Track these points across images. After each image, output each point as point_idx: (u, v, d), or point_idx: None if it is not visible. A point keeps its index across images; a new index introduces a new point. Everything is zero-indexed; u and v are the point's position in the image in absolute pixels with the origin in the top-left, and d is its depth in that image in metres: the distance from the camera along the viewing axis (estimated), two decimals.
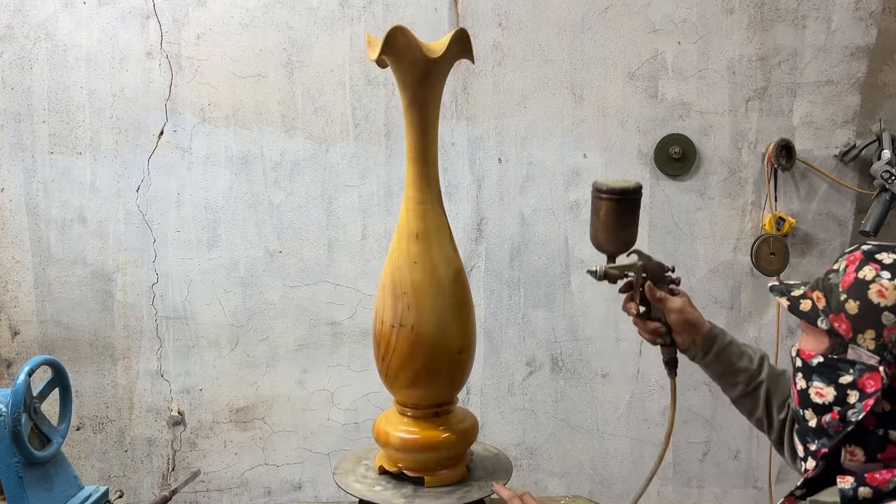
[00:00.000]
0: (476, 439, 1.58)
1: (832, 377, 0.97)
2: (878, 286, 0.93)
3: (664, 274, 1.39)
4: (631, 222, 1.37)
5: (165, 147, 2.51)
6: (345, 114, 2.50)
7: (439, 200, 1.47)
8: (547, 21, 2.48)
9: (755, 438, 2.64)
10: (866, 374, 0.94)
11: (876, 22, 2.47)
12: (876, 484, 0.91)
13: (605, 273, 1.37)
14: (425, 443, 1.47)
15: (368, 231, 2.55)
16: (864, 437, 0.95)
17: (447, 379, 1.48)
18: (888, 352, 0.92)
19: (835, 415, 0.96)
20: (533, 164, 2.53)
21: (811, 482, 0.99)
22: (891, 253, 0.96)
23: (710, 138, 2.52)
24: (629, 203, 1.36)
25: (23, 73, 2.47)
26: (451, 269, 1.45)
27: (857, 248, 1.00)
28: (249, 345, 2.59)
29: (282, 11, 2.46)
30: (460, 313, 1.45)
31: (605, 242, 1.39)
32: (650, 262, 1.38)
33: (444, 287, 1.43)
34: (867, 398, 0.93)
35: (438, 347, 1.43)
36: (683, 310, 1.35)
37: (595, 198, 1.37)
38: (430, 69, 1.37)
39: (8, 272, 2.55)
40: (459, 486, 1.49)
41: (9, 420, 1.46)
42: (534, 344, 2.60)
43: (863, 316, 0.94)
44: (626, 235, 1.37)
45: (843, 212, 2.56)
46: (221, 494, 2.67)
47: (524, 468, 2.65)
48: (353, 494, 1.49)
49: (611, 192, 1.34)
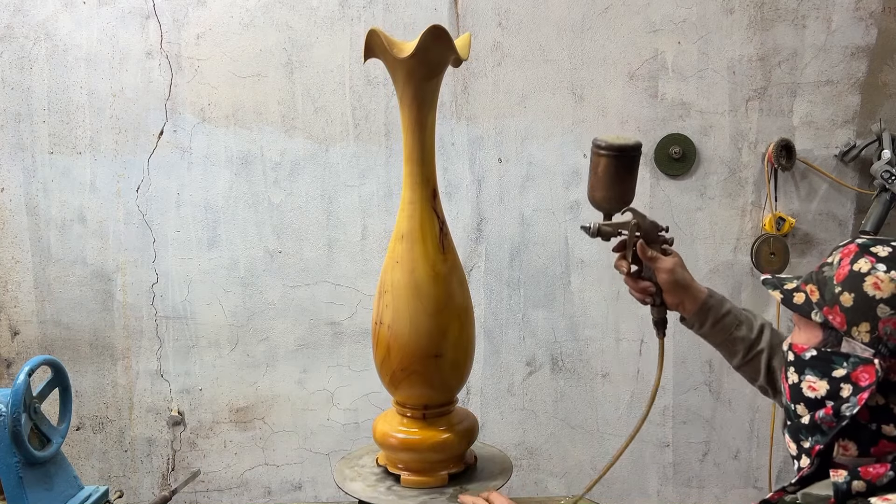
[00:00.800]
0: (476, 440, 1.58)
1: (825, 371, 0.97)
2: (873, 278, 0.93)
3: (658, 234, 1.38)
4: (628, 180, 1.36)
5: (165, 147, 2.51)
6: (345, 114, 2.50)
7: (429, 201, 1.44)
8: (547, 21, 2.48)
9: (755, 438, 2.64)
10: (860, 368, 0.93)
11: (876, 22, 2.47)
12: (870, 478, 0.90)
13: (599, 229, 1.36)
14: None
15: (368, 231, 2.55)
16: (857, 432, 0.95)
17: (424, 382, 1.46)
18: (883, 344, 0.92)
19: (828, 410, 0.96)
20: (533, 164, 2.53)
21: (805, 480, 0.98)
22: (885, 246, 0.96)
23: (710, 138, 2.52)
24: (627, 160, 1.34)
25: (23, 73, 2.47)
26: (431, 272, 1.42)
27: (851, 242, 1.00)
28: (249, 345, 2.59)
29: (282, 11, 2.46)
30: (439, 318, 1.42)
31: (602, 199, 1.37)
32: (644, 221, 1.36)
33: (420, 289, 1.42)
34: (861, 392, 0.93)
35: (411, 349, 1.42)
36: (673, 270, 1.34)
37: (594, 154, 1.35)
38: (411, 69, 1.36)
39: (8, 272, 2.55)
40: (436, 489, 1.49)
41: (9, 420, 1.46)
42: (534, 344, 2.60)
43: (858, 308, 0.94)
44: (622, 193, 1.36)
45: (844, 212, 2.56)
46: (221, 494, 2.67)
47: (524, 468, 2.65)
48: (352, 495, 1.49)
49: (609, 148, 1.33)
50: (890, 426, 0.93)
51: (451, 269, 1.46)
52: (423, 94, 1.40)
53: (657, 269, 1.35)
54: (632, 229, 1.36)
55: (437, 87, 1.42)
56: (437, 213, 1.46)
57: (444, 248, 1.45)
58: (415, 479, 1.49)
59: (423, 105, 1.41)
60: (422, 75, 1.38)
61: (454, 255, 1.48)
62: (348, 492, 1.50)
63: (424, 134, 1.43)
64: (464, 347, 1.48)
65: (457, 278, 1.47)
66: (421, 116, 1.41)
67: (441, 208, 1.48)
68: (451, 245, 1.48)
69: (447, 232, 1.47)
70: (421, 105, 1.40)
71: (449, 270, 1.45)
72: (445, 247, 1.46)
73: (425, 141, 1.43)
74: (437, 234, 1.44)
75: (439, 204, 1.47)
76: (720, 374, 2.60)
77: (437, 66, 1.40)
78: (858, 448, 0.95)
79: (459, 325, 1.46)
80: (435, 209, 1.45)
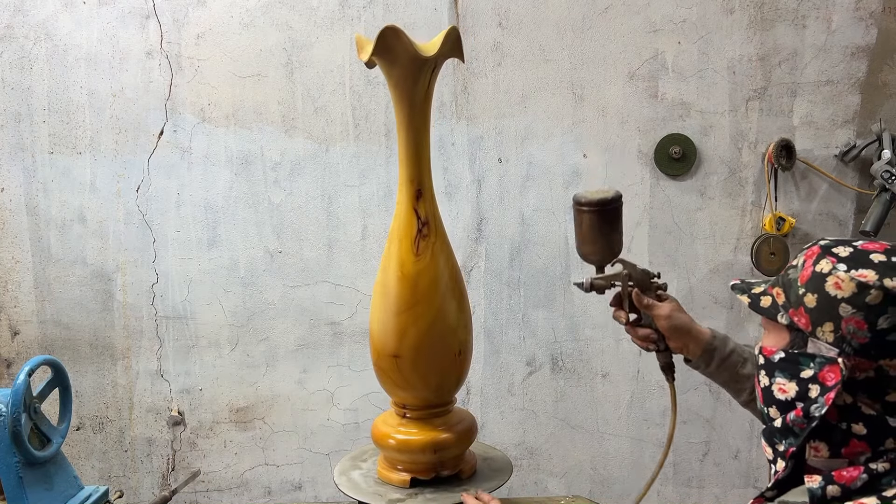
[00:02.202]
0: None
1: (793, 372, 0.98)
2: (834, 278, 0.94)
3: (650, 280, 1.39)
4: (613, 232, 1.38)
5: (165, 147, 2.51)
6: (345, 114, 2.50)
7: (412, 201, 1.44)
8: (547, 21, 2.48)
9: (755, 438, 2.64)
10: (826, 367, 0.94)
11: (876, 22, 2.47)
12: (844, 482, 0.91)
13: (592, 284, 1.39)
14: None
15: (368, 231, 2.55)
16: (827, 433, 0.95)
17: (388, 380, 1.49)
18: (847, 343, 0.93)
19: (798, 411, 0.96)
20: (533, 164, 2.53)
21: (781, 483, 0.99)
22: (846, 246, 0.97)
23: (710, 138, 2.52)
24: (609, 213, 1.36)
25: (23, 73, 2.47)
26: (399, 272, 1.43)
27: (815, 244, 1.01)
28: (249, 345, 2.59)
29: (282, 11, 2.46)
30: (400, 319, 1.43)
31: (591, 253, 1.39)
32: (635, 270, 1.38)
33: (388, 288, 1.45)
34: (828, 391, 0.93)
35: (377, 347, 1.48)
36: (671, 315, 1.35)
37: (576, 211, 1.38)
38: (412, 69, 1.37)
39: (8, 272, 2.55)
40: None
41: (9, 420, 1.46)
42: (534, 344, 2.60)
43: (821, 309, 0.95)
44: (609, 245, 1.38)
45: (844, 212, 2.56)
46: (221, 494, 2.67)
47: (524, 468, 2.65)
48: (352, 496, 1.49)
49: (589, 203, 1.35)
50: (859, 425, 0.93)
51: (423, 271, 1.43)
52: (409, 97, 1.40)
53: (655, 317, 1.37)
54: (624, 280, 1.38)
55: (423, 90, 1.41)
56: (419, 214, 1.44)
57: (419, 250, 1.43)
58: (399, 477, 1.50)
59: (413, 107, 1.41)
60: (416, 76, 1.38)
61: (434, 257, 1.44)
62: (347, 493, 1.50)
63: (409, 134, 1.43)
64: (425, 350, 1.44)
65: (429, 280, 1.43)
66: (406, 118, 1.42)
67: (426, 209, 1.45)
68: (431, 247, 1.44)
69: (428, 234, 1.44)
70: (410, 107, 1.41)
71: (419, 272, 1.43)
72: (420, 248, 1.43)
73: (410, 141, 1.43)
74: (415, 235, 1.44)
75: (425, 205, 1.45)
76: None
77: (432, 68, 1.40)
78: (830, 449, 0.95)
79: (420, 328, 1.43)
80: (416, 210, 1.44)
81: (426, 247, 1.44)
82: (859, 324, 0.92)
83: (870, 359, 0.92)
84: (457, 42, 1.39)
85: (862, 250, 0.95)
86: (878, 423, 0.93)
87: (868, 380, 0.93)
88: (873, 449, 0.93)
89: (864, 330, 0.91)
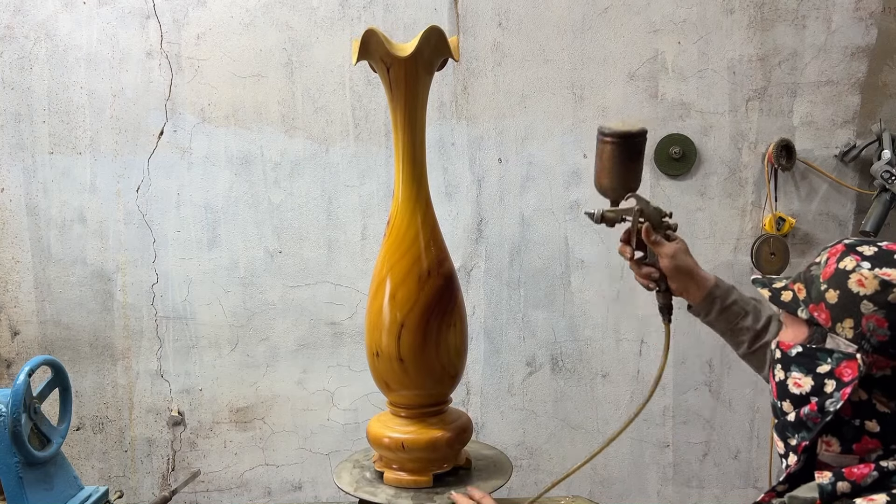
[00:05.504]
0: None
1: (810, 367, 0.99)
2: (858, 276, 0.95)
3: (661, 219, 1.38)
4: (633, 166, 1.36)
5: (165, 147, 2.51)
6: (345, 114, 2.50)
7: (400, 201, 1.46)
8: (547, 21, 2.48)
9: (755, 439, 2.64)
10: (844, 363, 0.95)
11: (876, 22, 2.47)
12: (854, 478, 0.91)
13: (603, 216, 1.36)
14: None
15: (368, 231, 2.55)
16: (839, 428, 0.96)
17: (377, 377, 1.52)
18: (866, 340, 0.93)
19: (813, 406, 0.97)
20: (533, 164, 2.53)
21: (793, 477, 0.99)
22: (871, 246, 0.98)
23: (710, 138, 2.52)
24: (632, 146, 1.34)
25: (23, 73, 2.47)
26: (383, 271, 1.46)
27: (839, 242, 1.02)
28: (249, 345, 2.59)
29: (282, 11, 2.46)
30: (380, 317, 1.45)
31: (608, 186, 1.37)
32: (648, 207, 1.36)
33: (374, 286, 1.48)
34: (844, 387, 0.94)
35: (366, 343, 1.51)
36: (676, 255, 1.35)
37: (599, 141, 1.35)
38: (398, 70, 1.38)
39: (8, 272, 2.55)
40: None
41: (9, 420, 1.46)
42: (534, 344, 2.60)
43: (842, 305, 0.95)
44: (628, 179, 1.36)
45: (844, 212, 2.56)
46: (221, 494, 2.67)
47: (524, 468, 2.65)
48: (352, 495, 1.49)
49: (613, 134, 1.33)
50: (872, 422, 0.94)
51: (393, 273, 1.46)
52: (402, 96, 1.41)
53: (660, 255, 1.36)
54: (635, 215, 1.36)
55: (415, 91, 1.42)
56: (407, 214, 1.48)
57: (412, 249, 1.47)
58: (398, 478, 1.49)
59: (405, 106, 1.42)
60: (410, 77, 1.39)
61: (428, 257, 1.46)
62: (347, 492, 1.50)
63: (394, 135, 1.46)
64: (419, 350, 1.44)
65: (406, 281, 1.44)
66: (399, 119, 1.44)
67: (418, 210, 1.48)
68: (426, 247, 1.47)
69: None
70: (403, 106, 1.42)
71: (393, 273, 1.45)
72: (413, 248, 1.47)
73: (401, 141, 1.45)
74: (399, 235, 1.47)
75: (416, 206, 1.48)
76: (720, 374, 2.60)
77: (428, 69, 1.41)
78: (841, 445, 0.96)
79: (414, 327, 1.44)
80: (407, 210, 1.48)
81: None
82: (880, 321, 0.92)
83: (888, 357, 0.93)
84: (440, 41, 1.38)
85: (886, 250, 0.96)
86: (891, 422, 0.93)
87: (885, 378, 0.93)
88: (885, 446, 0.94)
89: (884, 328, 0.92)
